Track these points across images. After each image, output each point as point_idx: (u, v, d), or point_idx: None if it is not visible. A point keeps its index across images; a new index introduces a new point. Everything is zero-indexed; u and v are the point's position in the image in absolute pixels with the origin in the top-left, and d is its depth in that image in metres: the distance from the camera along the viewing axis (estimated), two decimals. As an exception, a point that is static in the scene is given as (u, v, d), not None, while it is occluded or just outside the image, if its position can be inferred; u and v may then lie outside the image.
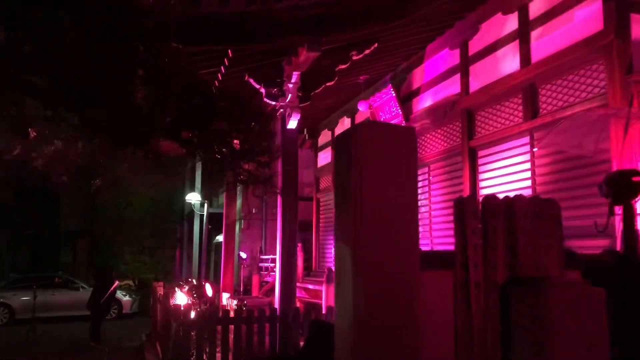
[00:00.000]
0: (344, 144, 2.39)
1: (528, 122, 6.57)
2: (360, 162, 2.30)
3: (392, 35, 7.80)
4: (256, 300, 8.71)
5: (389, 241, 2.29)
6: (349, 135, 2.35)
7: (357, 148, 2.30)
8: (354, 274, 2.28)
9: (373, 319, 2.27)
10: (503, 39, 7.12)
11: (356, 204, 2.29)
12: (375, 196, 2.30)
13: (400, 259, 2.29)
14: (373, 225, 2.28)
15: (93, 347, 11.37)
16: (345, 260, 2.36)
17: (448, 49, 8.37)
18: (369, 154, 2.30)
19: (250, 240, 15.09)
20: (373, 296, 2.26)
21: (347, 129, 2.37)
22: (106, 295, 11.62)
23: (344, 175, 2.40)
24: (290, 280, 6.72)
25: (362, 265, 2.26)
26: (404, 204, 2.35)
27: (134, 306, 17.87)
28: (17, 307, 16.13)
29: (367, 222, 2.28)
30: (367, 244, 2.27)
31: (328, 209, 13.31)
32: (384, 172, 2.32)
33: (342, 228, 2.42)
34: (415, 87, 9.35)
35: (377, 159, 2.32)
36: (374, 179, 2.30)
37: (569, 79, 6.09)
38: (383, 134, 2.35)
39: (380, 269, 2.27)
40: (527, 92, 6.64)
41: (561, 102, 6.16)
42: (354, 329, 2.28)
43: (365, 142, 2.31)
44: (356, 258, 2.27)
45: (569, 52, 6.03)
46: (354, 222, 2.29)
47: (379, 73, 10.02)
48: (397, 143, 2.34)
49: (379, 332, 2.27)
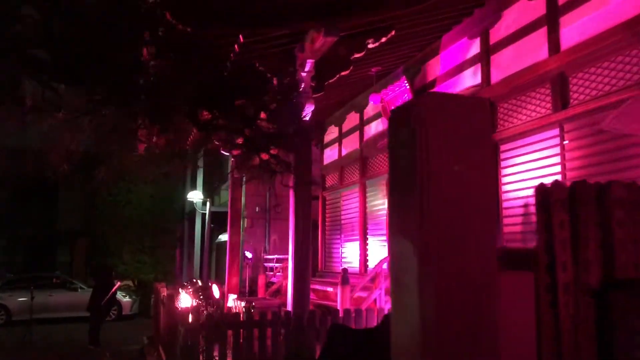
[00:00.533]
0: (404, 119, 1.98)
1: (557, 113, 6.18)
2: (427, 140, 1.89)
3: (408, 23, 7.41)
4: (264, 301, 8.31)
5: (463, 236, 1.89)
6: (411, 108, 1.94)
7: (423, 123, 1.89)
8: (421, 276, 1.87)
9: (445, 330, 1.86)
10: (529, 26, 6.72)
11: (422, 192, 1.88)
12: (446, 181, 1.90)
13: (477, 257, 1.89)
14: (444, 216, 1.88)
15: (92, 351, 10.96)
16: (407, 259, 1.95)
17: (467, 38, 7.98)
18: (438, 130, 1.90)
19: (254, 239, 14.68)
20: (445, 304, 1.86)
21: (407, 101, 1.95)
22: (107, 297, 11.19)
23: (404, 157, 1.99)
24: (303, 281, 6.32)
25: (431, 266, 1.85)
26: (479, 191, 1.94)
27: (134, 307, 17.45)
28: (13, 308, 15.72)
29: (438, 213, 1.87)
30: (438, 239, 1.86)
31: (335, 207, 12.93)
32: (455, 151, 1.91)
33: (401, 221, 2.01)
34: (430, 79, 8.95)
35: (448, 136, 1.91)
36: (444, 161, 1.89)
37: (603, 66, 5.69)
38: (453, 106, 1.95)
39: (454, 270, 1.86)
40: (556, 82, 6.25)
41: (595, 91, 5.76)
42: (421, 342, 1.87)
43: (433, 115, 1.90)
44: (423, 257, 1.86)
45: (604, 38, 5.63)
46: (419, 214, 1.88)
47: (391, 65, 9.63)
48: (470, 117, 1.94)
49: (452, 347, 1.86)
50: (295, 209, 6.57)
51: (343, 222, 12.42)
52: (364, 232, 11.18)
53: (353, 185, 11.88)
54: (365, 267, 10.97)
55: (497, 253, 2.01)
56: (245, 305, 7.57)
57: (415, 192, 1.90)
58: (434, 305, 1.85)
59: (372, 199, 11.07)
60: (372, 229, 10.95)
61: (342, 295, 6.80)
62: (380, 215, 10.59)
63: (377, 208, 10.78)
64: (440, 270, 1.86)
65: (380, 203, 10.64)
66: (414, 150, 1.92)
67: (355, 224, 11.61)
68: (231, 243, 10.97)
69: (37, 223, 25.47)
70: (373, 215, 10.96)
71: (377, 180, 10.82)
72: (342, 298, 6.81)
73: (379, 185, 10.81)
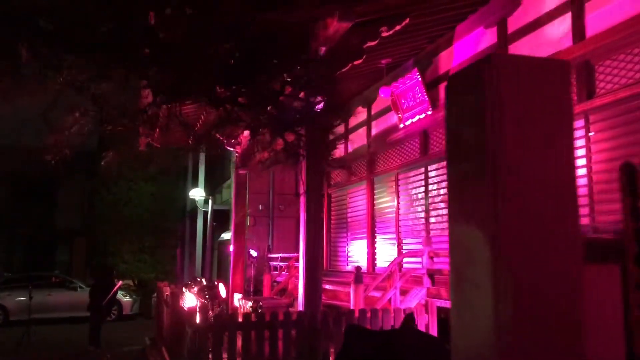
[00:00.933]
0: (470, 85, 1.67)
1: (582, 104, 5.89)
2: (502, 109, 1.59)
3: (423, 11, 7.12)
4: (272, 301, 8.01)
5: (545, 222, 1.59)
6: (480, 71, 1.64)
7: (497, 88, 1.59)
8: (495, 270, 1.57)
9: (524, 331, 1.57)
10: (551, 13, 6.43)
11: (496, 171, 1.58)
12: (525, 158, 1.60)
13: (561, 247, 1.60)
14: (523, 200, 1.58)
15: (92, 352, 10.63)
16: (474, 251, 1.65)
17: (482, 28, 7.69)
18: (515, 97, 1.60)
19: (257, 238, 14.38)
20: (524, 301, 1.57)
21: (473, 64, 1.65)
22: (108, 297, 10.87)
23: (469, 131, 1.69)
24: (316, 281, 6.01)
25: (509, 259, 1.56)
26: (561, 171, 1.64)
27: (135, 307, 17.13)
28: (11, 308, 15.40)
29: (515, 196, 1.58)
30: (516, 227, 1.57)
31: (341, 205, 12.64)
32: (535, 122, 1.62)
33: (465, 206, 1.71)
34: (442, 71, 8.66)
35: (527, 104, 1.62)
36: (523, 134, 1.59)
37: (634, 52, 5.40)
38: (532, 68, 1.65)
39: (535, 262, 1.57)
40: (581, 70, 5.96)
41: (624, 79, 5.48)
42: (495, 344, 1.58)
43: (509, 78, 1.60)
44: (498, 248, 1.57)
45: (633, 24, 5.34)
46: (492, 197, 1.58)
47: (401, 57, 9.35)
48: (551, 82, 1.64)
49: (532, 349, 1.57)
50: (307, 205, 6.26)
51: (349, 220, 12.13)
52: (372, 231, 10.89)
53: (360, 182, 11.59)
54: (373, 266, 10.68)
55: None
56: (252, 305, 7.27)
57: (486, 171, 1.60)
58: (512, 302, 1.56)
59: (381, 196, 10.78)
60: (381, 227, 10.66)
61: (356, 295, 6.50)
62: (389, 213, 10.31)
63: (386, 205, 10.49)
64: (519, 263, 1.57)
65: (389, 200, 10.35)
66: (484, 122, 1.62)
67: (362, 222, 11.32)
68: (236, 242, 10.67)
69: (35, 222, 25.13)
70: (381, 212, 10.67)
71: (386, 176, 10.53)
72: (355, 298, 6.51)
73: (387, 182, 10.52)
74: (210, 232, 16.33)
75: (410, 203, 9.62)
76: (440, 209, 8.66)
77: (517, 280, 1.55)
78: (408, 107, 9.25)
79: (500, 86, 1.59)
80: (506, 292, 1.55)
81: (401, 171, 9.95)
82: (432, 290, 6.79)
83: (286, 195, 15.91)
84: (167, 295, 7.82)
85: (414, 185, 9.55)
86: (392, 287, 6.66)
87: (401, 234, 9.81)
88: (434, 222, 8.77)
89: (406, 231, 9.70)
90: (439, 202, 8.71)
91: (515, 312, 1.54)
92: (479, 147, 1.63)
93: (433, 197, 8.89)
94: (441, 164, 8.71)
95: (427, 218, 8.96)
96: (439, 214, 8.67)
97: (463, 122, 1.73)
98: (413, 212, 9.52)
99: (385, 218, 10.51)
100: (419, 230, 9.26)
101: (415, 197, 9.46)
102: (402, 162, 9.94)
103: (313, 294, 6.09)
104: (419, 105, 8.94)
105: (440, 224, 8.59)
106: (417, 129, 9.26)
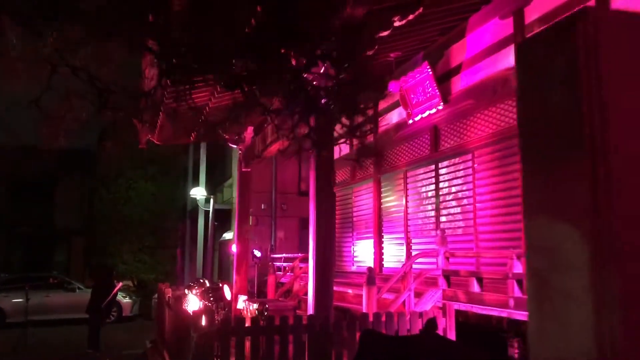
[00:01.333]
0: (559, 45, 1.36)
1: (608, 96, 5.58)
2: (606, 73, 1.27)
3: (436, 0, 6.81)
4: (278, 303, 7.70)
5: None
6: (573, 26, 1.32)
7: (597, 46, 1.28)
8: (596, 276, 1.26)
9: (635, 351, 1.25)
10: (573, 2, 6.12)
11: (596, 151, 1.27)
12: (632, 132, 1.28)
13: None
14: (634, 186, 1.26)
15: (91, 355, 10.32)
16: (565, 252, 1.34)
17: (497, 19, 7.38)
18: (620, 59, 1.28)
19: (259, 238, 14.08)
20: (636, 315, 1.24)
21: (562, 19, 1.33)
22: (108, 299, 10.55)
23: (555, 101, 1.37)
24: (327, 283, 5.71)
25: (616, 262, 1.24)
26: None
27: (135, 308, 16.81)
28: (8, 309, 15.08)
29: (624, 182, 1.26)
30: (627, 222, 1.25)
31: (346, 203, 12.33)
32: None
33: (549, 196, 1.39)
34: (454, 64, 8.35)
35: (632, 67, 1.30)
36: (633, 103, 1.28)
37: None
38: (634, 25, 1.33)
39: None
40: None
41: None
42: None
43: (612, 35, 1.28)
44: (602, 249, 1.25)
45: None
46: (592, 184, 1.27)
47: (411, 51, 9.03)
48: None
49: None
50: (317, 203, 5.95)
51: (355, 219, 11.82)
52: (379, 230, 10.58)
53: (366, 181, 11.27)
54: (380, 266, 10.37)
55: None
56: (258, 307, 6.97)
57: (586, 149, 1.28)
58: (620, 317, 1.24)
59: (388, 195, 10.46)
60: (388, 226, 10.35)
61: (369, 297, 6.19)
62: (397, 212, 9.99)
63: (394, 204, 10.18)
64: (631, 268, 1.25)
65: (397, 198, 10.04)
66: (579, 89, 1.30)
67: (369, 221, 11.01)
68: (239, 242, 10.36)
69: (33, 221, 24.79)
70: (389, 212, 10.36)
71: (394, 174, 10.22)
72: (368, 300, 6.20)
73: (395, 180, 10.21)
74: (211, 231, 16.01)
75: (420, 201, 9.31)
76: (451, 207, 8.35)
77: (627, 289, 1.23)
78: (418, 102, 8.93)
79: (603, 43, 1.27)
80: (612, 305, 1.24)
81: (410, 168, 9.65)
82: (448, 292, 6.47)
83: (288, 194, 15.62)
84: (169, 297, 7.51)
85: (423, 183, 9.24)
86: (406, 288, 6.35)
87: (410, 234, 9.51)
88: (445, 221, 8.47)
89: (415, 231, 9.39)
90: (450, 201, 8.40)
91: (627, 328, 1.22)
92: (572, 120, 1.31)
93: (444, 195, 8.58)
94: (452, 161, 8.41)
95: (438, 217, 8.66)
96: (450, 212, 8.37)
97: (546, 93, 1.42)
98: (423, 211, 9.21)
99: (393, 217, 10.20)
100: (428, 229, 8.95)
101: (425, 196, 9.15)
102: (411, 159, 9.64)
103: (324, 297, 5.78)
104: (429, 100, 8.63)
105: (452, 223, 8.29)
106: (427, 124, 8.96)
